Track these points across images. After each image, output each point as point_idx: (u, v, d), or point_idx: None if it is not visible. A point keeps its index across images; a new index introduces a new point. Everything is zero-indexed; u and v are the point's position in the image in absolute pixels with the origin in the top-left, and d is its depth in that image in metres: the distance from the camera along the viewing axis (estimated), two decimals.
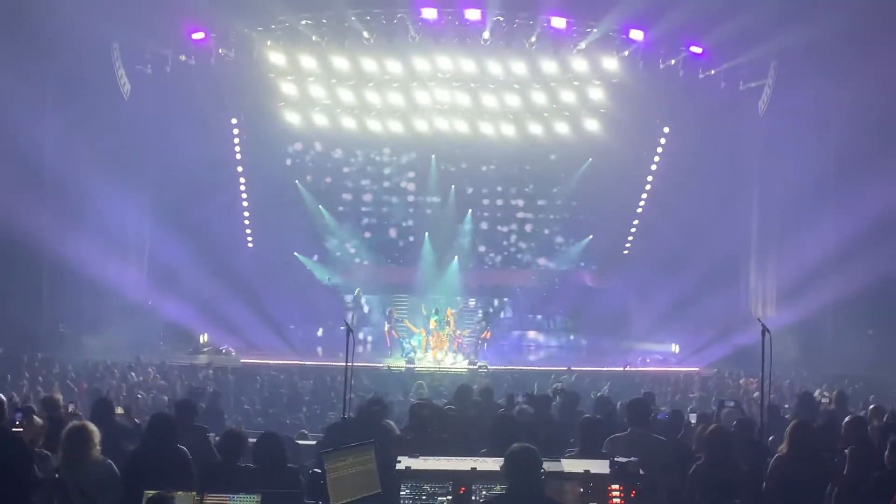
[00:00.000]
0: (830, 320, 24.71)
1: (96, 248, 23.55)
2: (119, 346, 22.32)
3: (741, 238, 27.15)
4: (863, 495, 6.65)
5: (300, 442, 10.46)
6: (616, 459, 6.00)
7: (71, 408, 10.12)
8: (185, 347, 25.47)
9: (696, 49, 24.08)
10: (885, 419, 8.90)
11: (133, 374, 18.21)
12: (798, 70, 23.34)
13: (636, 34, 24.03)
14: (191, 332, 26.08)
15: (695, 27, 22.75)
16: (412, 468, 5.92)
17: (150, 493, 5.64)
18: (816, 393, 15.55)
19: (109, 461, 6.68)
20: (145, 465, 6.97)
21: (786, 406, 13.27)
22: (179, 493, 5.81)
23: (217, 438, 8.22)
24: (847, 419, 7.97)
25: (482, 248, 31.42)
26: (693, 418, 10.19)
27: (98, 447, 6.61)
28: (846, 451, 7.31)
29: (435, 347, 26.04)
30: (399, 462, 6.03)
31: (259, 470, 6.88)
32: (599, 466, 6.02)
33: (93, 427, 6.66)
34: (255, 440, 7.36)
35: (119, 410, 9.70)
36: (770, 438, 8.91)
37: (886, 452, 6.72)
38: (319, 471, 5.93)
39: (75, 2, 20.10)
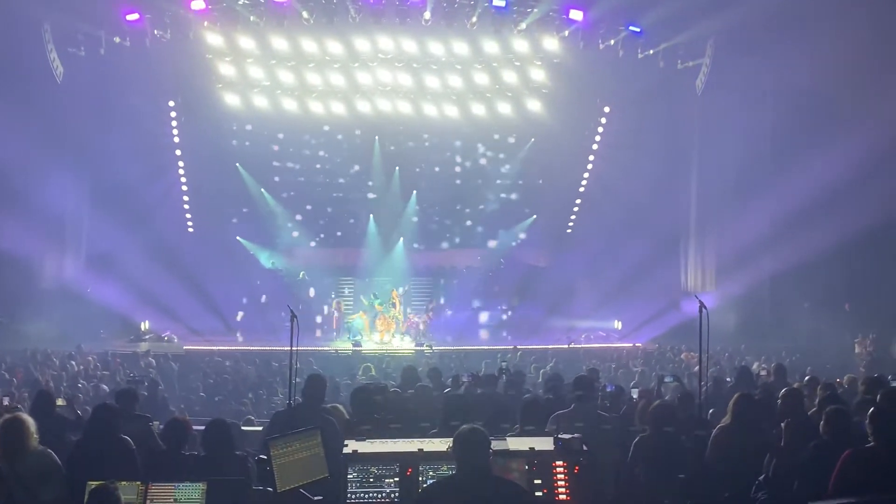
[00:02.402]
0: (768, 294, 25.36)
1: (32, 234, 23.05)
2: (57, 334, 21.86)
3: (681, 215, 27.69)
4: (800, 465, 6.84)
5: (246, 428, 10.39)
6: (560, 436, 6.09)
7: (6, 401, 9.89)
8: (125, 335, 25.05)
9: (636, 28, 24.32)
10: (819, 390, 9.15)
11: (73, 363, 17.86)
12: (734, 49, 23.79)
13: (576, 14, 24.10)
14: (131, 319, 25.64)
15: (633, 7, 22.96)
16: (359, 451, 5.94)
17: (94, 483, 5.56)
18: (755, 366, 15.96)
19: (50, 451, 6.55)
20: (88, 456, 6.87)
21: (727, 380, 13.56)
22: (124, 483, 5.74)
23: (160, 427, 8.15)
24: (783, 391, 8.17)
25: (427, 229, 31.40)
26: (635, 394, 10.38)
27: (35, 437, 6.46)
28: (782, 423, 7.51)
29: (382, 330, 26.06)
30: (346, 445, 6.04)
31: (206, 457, 6.84)
32: (544, 443, 6.10)
33: (27, 417, 6.51)
34: (201, 428, 7.30)
35: (60, 402, 9.51)
36: (710, 411, 9.11)
37: (822, 423, 6.90)
38: (265, 457, 5.90)
39: None
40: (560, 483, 5.79)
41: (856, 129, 21.14)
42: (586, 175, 29.64)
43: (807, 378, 11.15)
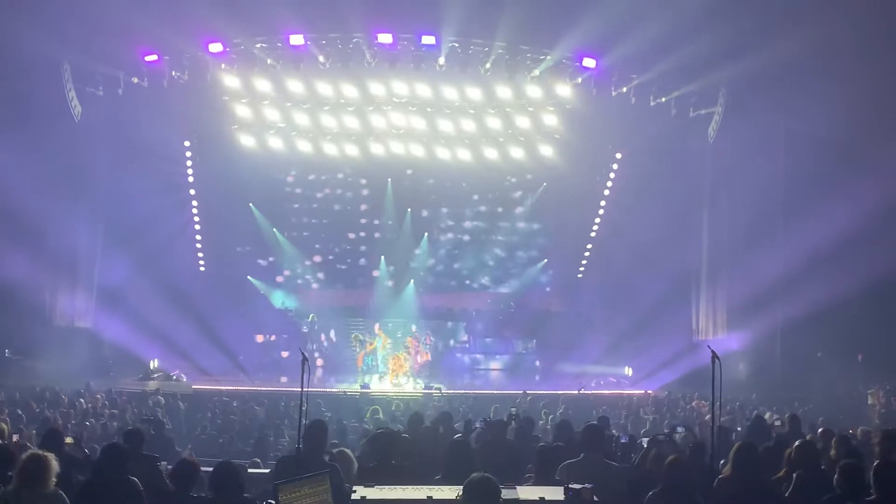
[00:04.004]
0: (779, 343, 25.14)
1: (44, 272, 23.19)
2: (67, 372, 21.83)
3: (692, 262, 27.61)
4: None
5: (252, 471, 10.30)
6: (570, 486, 6.02)
7: (16, 437, 9.86)
8: (134, 373, 24.98)
9: (648, 76, 24.54)
10: (836, 443, 9.03)
11: (82, 400, 17.80)
12: (746, 98, 23.92)
13: (589, 62, 24.39)
14: (141, 357, 25.59)
15: (646, 55, 23.15)
16: (367, 498, 5.89)
17: None
18: (767, 416, 15.79)
19: (62, 493, 6.52)
20: (96, 497, 6.83)
21: (738, 429, 13.41)
22: None
23: (168, 467, 8.09)
24: (797, 443, 8.07)
25: (438, 271, 31.44)
26: (646, 443, 10.24)
27: (54, 480, 6.44)
28: (794, 474, 7.41)
29: (393, 370, 25.92)
30: (354, 491, 5.99)
31: (215, 500, 6.77)
32: (554, 493, 6.04)
33: (52, 459, 6.50)
34: (209, 469, 7.24)
35: (69, 440, 9.47)
36: (721, 462, 8.99)
37: (836, 476, 6.81)
38: (273, 501, 5.85)
39: (24, 22, 19.84)
40: None
41: (868, 177, 21.12)
42: (598, 220, 29.68)
43: (820, 430, 10.99)
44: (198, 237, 29.07)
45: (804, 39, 20.09)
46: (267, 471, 10.09)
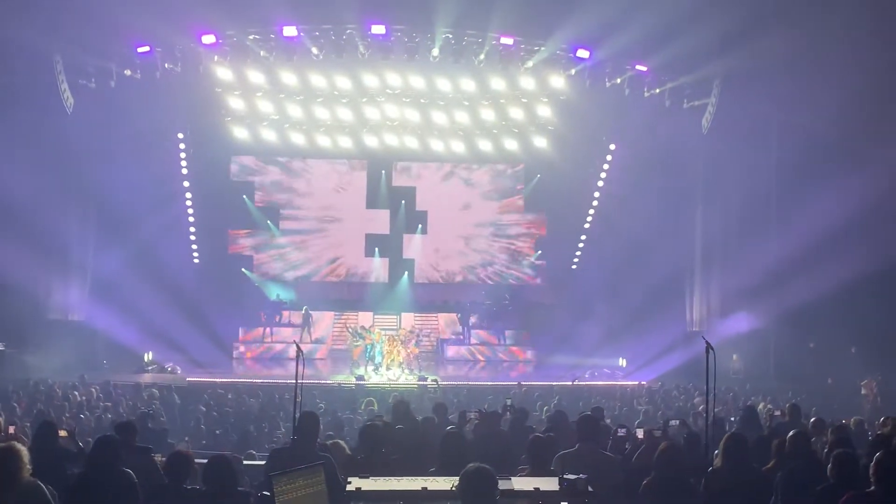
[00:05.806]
0: (773, 334, 25.23)
1: (37, 264, 23.11)
2: (61, 364, 21.80)
3: (686, 253, 27.64)
4: None
5: (247, 462, 10.31)
6: (565, 477, 6.03)
7: (12, 429, 9.85)
8: (128, 366, 24.94)
9: (642, 67, 24.56)
10: (830, 433, 9.05)
11: (76, 393, 17.78)
12: (740, 90, 23.94)
13: (583, 53, 24.38)
14: (135, 349, 25.55)
15: (640, 47, 23.15)
16: (362, 489, 5.89)
17: None
18: (760, 406, 15.85)
19: (40, 483, 6.38)
20: (90, 490, 6.81)
21: (731, 419, 13.45)
22: None
23: (162, 459, 8.08)
24: (791, 433, 8.08)
25: (432, 263, 31.44)
26: (640, 433, 10.27)
27: (28, 469, 6.27)
28: (786, 464, 7.43)
29: (389, 353, 25.72)
30: (349, 483, 6.00)
31: (208, 492, 6.76)
32: (549, 484, 6.05)
33: (21, 447, 6.34)
34: (203, 461, 7.23)
35: (62, 433, 9.44)
36: (715, 453, 9.02)
37: (830, 466, 6.82)
38: (268, 493, 5.85)
39: (16, 14, 19.75)
40: None
41: (861, 169, 21.20)
42: (591, 212, 29.72)
43: (812, 420, 11.03)
44: (192, 229, 29.01)
45: (798, 32, 20.13)
46: (262, 462, 10.09)
